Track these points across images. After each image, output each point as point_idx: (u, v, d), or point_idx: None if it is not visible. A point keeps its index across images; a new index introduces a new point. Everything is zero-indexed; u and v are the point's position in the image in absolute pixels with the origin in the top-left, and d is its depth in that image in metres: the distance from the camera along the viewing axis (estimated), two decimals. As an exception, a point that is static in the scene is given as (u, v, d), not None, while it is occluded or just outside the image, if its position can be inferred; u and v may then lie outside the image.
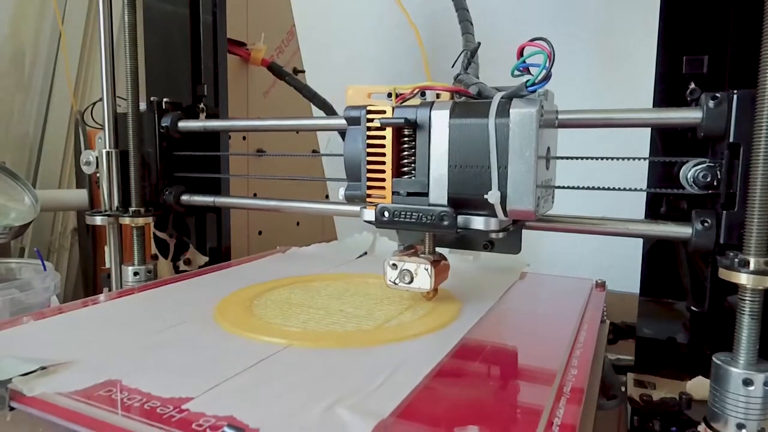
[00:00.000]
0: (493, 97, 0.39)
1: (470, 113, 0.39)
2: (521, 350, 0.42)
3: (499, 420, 0.30)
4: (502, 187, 0.38)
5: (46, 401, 0.30)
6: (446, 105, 0.40)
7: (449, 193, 0.40)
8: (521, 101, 0.37)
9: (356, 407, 0.29)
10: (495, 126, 0.37)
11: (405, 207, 0.41)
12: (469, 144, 0.39)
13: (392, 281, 0.45)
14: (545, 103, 0.38)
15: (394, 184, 0.41)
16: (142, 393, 0.30)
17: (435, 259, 0.45)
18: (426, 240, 0.45)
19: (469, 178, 0.39)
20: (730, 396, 0.34)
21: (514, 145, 0.37)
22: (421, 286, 0.44)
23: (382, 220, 0.42)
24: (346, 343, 0.39)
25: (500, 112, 0.37)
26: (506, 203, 0.38)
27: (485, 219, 0.40)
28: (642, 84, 0.52)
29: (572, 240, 0.56)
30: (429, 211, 0.40)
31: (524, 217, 0.40)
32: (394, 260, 0.44)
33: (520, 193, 0.37)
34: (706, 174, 0.41)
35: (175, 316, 0.45)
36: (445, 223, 0.40)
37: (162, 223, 0.73)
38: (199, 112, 0.72)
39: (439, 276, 0.45)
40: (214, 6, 0.71)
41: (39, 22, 1.22)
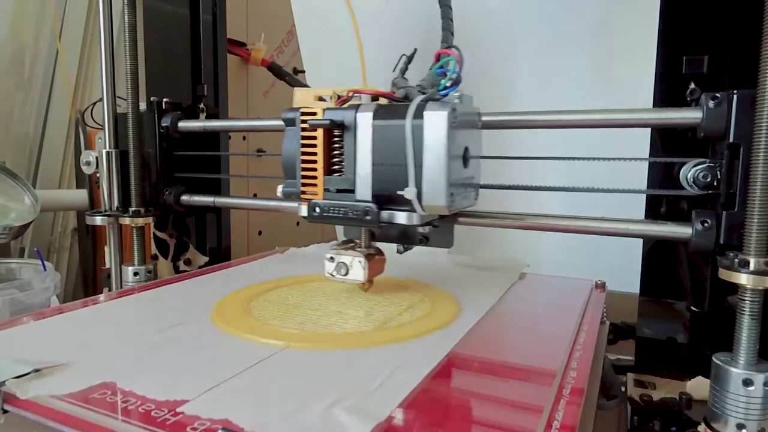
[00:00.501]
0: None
1: (391, 115, 0.42)
2: (521, 351, 0.42)
3: (499, 420, 0.29)
4: (418, 183, 0.41)
5: (39, 404, 0.30)
6: (370, 107, 0.43)
7: (373, 189, 0.43)
8: (435, 104, 0.41)
9: (354, 409, 0.29)
10: (411, 127, 0.40)
11: (334, 203, 0.44)
12: (390, 144, 0.42)
13: (330, 273, 0.48)
14: (460, 106, 0.42)
15: (326, 181, 0.44)
16: (136, 396, 0.30)
17: (369, 252, 0.47)
18: (362, 235, 0.48)
19: (391, 176, 0.42)
20: (730, 396, 0.34)
21: (428, 145, 0.40)
22: (356, 278, 0.47)
23: (313, 215, 0.45)
24: (345, 345, 0.39)
25: (416, 115, 0.40)
26: (422, 199, 0.41)
27: (407, 214, 0.43)
28: (642, 84, 0.52)
29: (572, 240, 0.56)
30: (355, 206, 0.43)
31: (439, 212, 0.43)
32: (332, 254, 0.47)
33: (434, 190, 0.41)
34: (706, 174, 0.41)
35: (173, 317, 0.45)
36: (368, 218, 0.43)
37: (162, 223, 0.73)
38: (199, 112, 0.72)
39: (374, 269, 0.48)
40: (214, 6, 0.71)
41: (39, 22, 1.22)
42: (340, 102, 0.44)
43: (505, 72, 0.74)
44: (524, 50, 0.73)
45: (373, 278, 0.48)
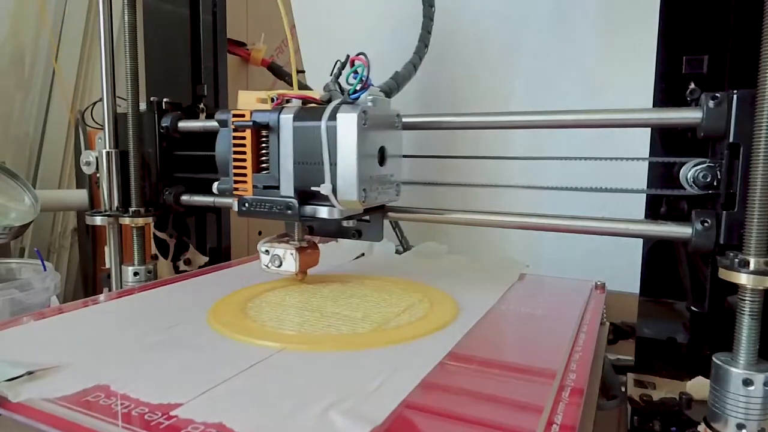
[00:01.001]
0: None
1: (310, 117, 0.45)
2: (520, 352, 0.42)
3: (499, 421, 0.29)
4: (333, 180, 0.44)
5: (31, 407, 0.29)
6: (292, 110, 0.46)
7: (295, 185, 0.46)
8: (348, 107, 0.44)
9: (351, 412, 0.29)
10: (326, 128, 0.44)
11: (260, 198, 0.47)
12: (309, 143, 0.45)
13: (265, 265, 0.51)
14: (372, 108, 0.45)
15: (254, 178, 0.47)
16: (130, 399, 0.30)
17: (302, 246, 0.51)
18: (295, 229, 0.52)
19: (310, 173, 0.45)
20: (730, 396, 0.34)
21: (341, 144, 0.44)
22: (288, 269, 0.51)
23: (242, 210, 0.48)
24: (342, 346, 0.39)
25: (331, 116, 0.44)
26: (337, 194, 0.44)
27: (329, 209, 0.46)
28: (641, 84, 0.52)
29: (572, 240, 0.56)
30: (278, 202, 0.46)
31: (352, 207, 0.46)
32: (267, 246, 0.51)
33: (347, 186, 0.44)
34: (706, 174, 0.41)
35: (170, 318, 0.45)
36: (290, 212, 0.46)
37: (162, 223, 0.73)
38: (199, 112, 0.71)
39: (306, 261, 0.51)
40: (214, 6, 0.71)
41: (39, 21, 1.22)
42: (276, 104, 0.47)
43: (505, 72, 0.74)
44: (524, 50, 0.73)
45: (305, 269, 0.52)
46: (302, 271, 0.52)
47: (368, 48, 0.46)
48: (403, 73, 0.60)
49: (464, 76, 0.76)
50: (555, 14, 0.71)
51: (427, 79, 0.73)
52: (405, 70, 0.61)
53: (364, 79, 0.45)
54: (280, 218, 0.47)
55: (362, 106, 0.44)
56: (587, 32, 0.69)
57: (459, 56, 0.76)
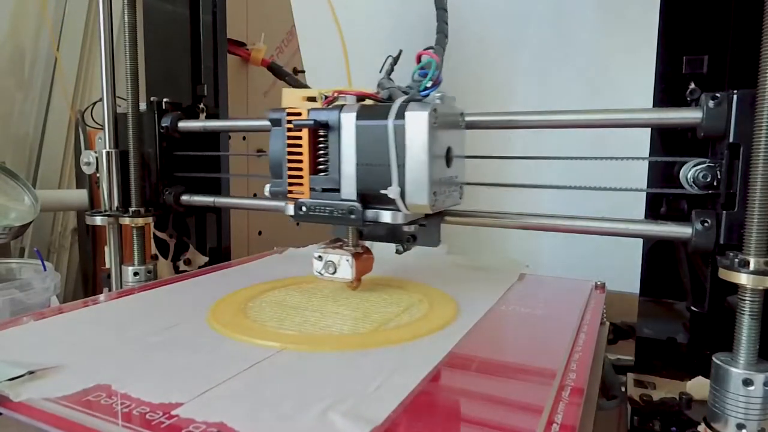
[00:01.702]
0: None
1: (374, 116, 0.42)
2: (520, 352, 0.42)
3: (499, 421, 0.29)
4: (400, 183, 0.41)
5: (32, 407, 0.29)
6: (354, 108, 0.43)
7: (358, 188, 0.43)
8: (417, 105, 0.41)
9: (350, 413, 0.29)
10: (393, 127, 0.41)
11: (319, 202, 0.45)
12: (373, 144, 0.42)
13: (318, 272, 0.48)
14: (441, 107, 0.42)
15: (311, 180, 0.45)
16: (131, 398, 0.30)
17: (357, 251, 0.48)
18: (349, 233, 0.49)
19: (375, 175, 0.42)
20: (730, 396, 0.34)
21: (410, 145, 0.41)
22: (344, 276, 0.48)
23: (299, 214, 0.46)
24: (342, 346, 0.39)
25: (398, 115, 0.41)
26: (405, 198, 0.42)
27: (392, 213, 0.43)
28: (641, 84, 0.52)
29: (572, 240, 0.56)
30: (340, 205, 0.44)
31: (421, 211, 0.43)
32: (320, 252, 0.48)
33: (416, 189, 0.41)
34: (706, 174, 0.41)
35: (170, 318, 0.45)
36: (353, 217, 0.44)
37: (162, 223, 0.73)
38: (199, 112, 0.72)
39: (361, 267, 0.48)
40: (214, 6, 0.71)
41: (39, 21, 1.22)
42: (327, 102, 0.45)
43: (505, 72, 0.74)
44: (524, 50, 0.73)
45: (360, 277, 0.49)
46: (357, 279, 0.48)
47: (367, 48, 0.46)
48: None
49: (464, 76, 0.76)
50: (556, 14, 0.71)
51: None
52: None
53: (436, 75, 0.42)
54: (341, 223, 0.45)
55: (432, 103, 0.41)
56: (588, 32, 0.69)
57: (459, 56, 0.76)
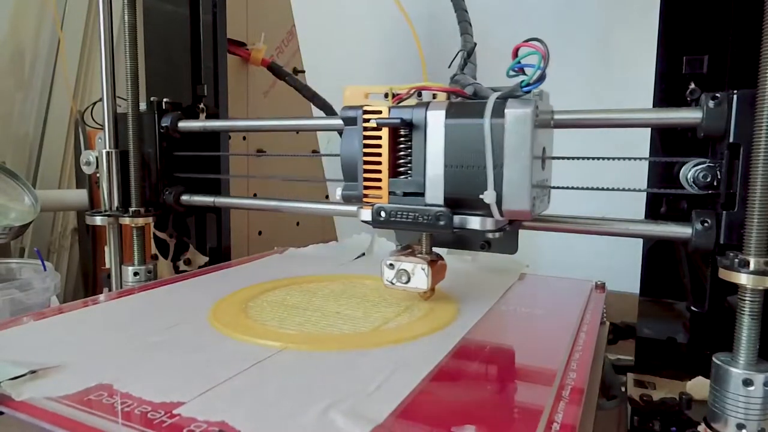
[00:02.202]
0: (488, 97, 0.39)
1: (466, 113, 0.39)
2: (520, 351, 0.42)
3: (499, 421, 0.29)
4: (497, 187, 0.38)
5: (34, 406, 0.29)
6: (442, 105, 0.40)
7: (445, 193, 0.40)
8: (516, 101, 0.38)
9: (351, 412, 0.29)
10: (490, 126, 0.37)
11: (401, 207, 0.41)
12: (465, 144, 0.39)
13: (389, 281, 0.45)
14: (540, 104, 0.39)
15: (391, 184, 0.41)
16: (133, 397, 0.30)
17: (432, 259, 0.45)
18: (423, 240, 0.46)
19: (465, 179, 0.39)
20: (730, 396, 0.34)
21: (510, 146, 0.37)
22: (418, 285, 0.44)
23: (378, 220, 0.42)
24: (343, 346, 0.39)
25: (495, 113, 0.37)
26: (502, 203, 0.38)
27: (481, 219, 0.40)
28: (641, 84, 0.52)
29: (572, 240, 0.56)
30: (425, 211, 0.41)
31: (520, 217, 0.40)
32: (392, 260, 0.45)
33: (516, 193, 0.38)
34: (706, 174, 0.41)
35: (171, 317, 0.45)
36: (441, 223, 0.40)
37: (162, 223, 0.73)
38: (199, 112, 0.71)
39: (436, 276, 0.45)
40: (214, 6, 0.71)
41: (39, 21, 1.22)
42: (397, 100, 0.41)
43: (505, 71, 0.74)
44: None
45: (435, 285, 0.46)
46: (432, 288, 0.45)
47: (368, 48, 0.46)
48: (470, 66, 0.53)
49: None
50: (556, 14, 0.71)
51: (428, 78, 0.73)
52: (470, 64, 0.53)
53: (542, 70, 0.37)
54: (426, 230, 0.42)
55: (532, 100, 0.38)
56: (588, 32, 0.69)
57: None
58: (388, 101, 0.42)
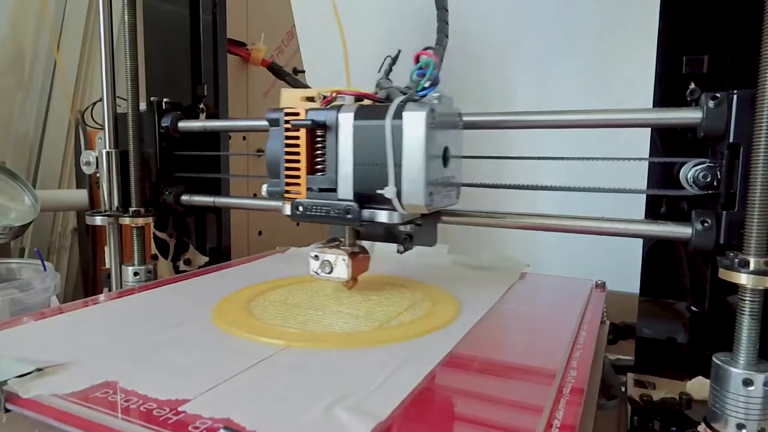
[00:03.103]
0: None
1: (371, 116, 0.42)
2: (521, 351, 0.42)
3: (499, 420, 0.29)
4: (397, 183, 0.41)
5: (41, 403, 0.30)
6: (352, 108, 0.43)
7: (355, 188, 0.43)
8: (414, 105, 0.41)
9: (355, 408, 0.29)
10: (390, 127, 0.41)
11: (316, 202, 0.45)
12: (371, 144, 0.42)
13: (315, 271, 0.48)
14: (439, 107, 0.42)
15: (308, 180, 0.45)
16: (138, 395, 0.30)
17: (353, 251, 0.48)
18: (346, 233, 0.49)
19: (372, 175, 0.42)
20: (730, 396, 0.34)
21: (407, 145, 0.41)
22: (340, 275, 0.48)
23: (296, 213, 0.46)
24: (345, 344, 0.39)
25: (395, 115, 0.41)
26: (401, 198, 0.42)
27: (389, 213, 0.43)
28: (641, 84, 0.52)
29: (572, 240, 0.56)
30: (336, 205, 0.44)
31: (418, 211, 0.43)
32: (316, 252, 0.48)
33: (413, 189, 0.41)
34: (706, 174, 0.41)
35: (173, 316, 0.45)
36: (349, 217, 0.44)
37: (162, 223, 0.73)
38: (199, 112, 0.72)
39: (357, 267, 0.48)
40: (214, 6, 0.71)
41: (39, 22, 1.22)
42: (325, 102, 0.45)
43: (505, 71, 0.74)
44: (525, 50, 0.73)
45: (357, 276, 0.49)
46: (353, 278, 0.48)
47: (368, 48, 0.46)
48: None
49: (464, 76, 0.77)
50: (556, 14, 0.71)
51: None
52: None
53: (434, 75, 0.42)
54: (338, 222, 0.45)
55: (429, 104, 0.42)
56: (588, 32, 0.69)
57: (459, 56, 0.76)
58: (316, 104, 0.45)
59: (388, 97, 0.44)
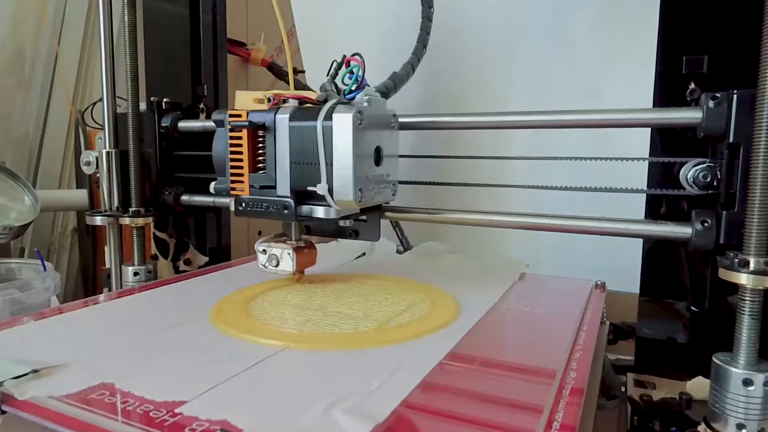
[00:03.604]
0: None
1: (306, 117, 0.45)
2: (521, 351, 0.42)
3: (499, 420, 0.29)
4: (329, 180, 0.44)
5: (37, 405, 0.29)
6: (287, 110, 0.46)
7: (291, 185, 0.46)
8: (343, 107, 0.44)
9: (353, 410, 0.29)
10: (322, 128, 0.43)
11: (257, 198, 0.47)
12: (305, 143, 0.45)
13: (263, 264, 0.51)
14: (369, 109, 0.45)
15: (251, 178, 0.47)
16: (135, 396, 0.30)
17: (299, 245, 0.51)
18: (292, 228, 0.52)
19: (307, 173, 0.45)
20: (730, 396, 0.34)
21: (336, 144, 0.44)
22: (286, 268, 0.50)
23: (239, 209, 0.48)
24: (344, 345, 0.39)
25: (327, 116, 0.44)
26: (333, 194, 0.44)
27: (326, 209, 0.46)
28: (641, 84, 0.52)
29: (572, 240, 0.56)
30: (275, 201, 0.46)
31: (349, 206, 0.45)
32: (264, 246, 0.51)
33: (343, 186, 0.44)
34: (706, 174, 0.41)
35: (172, 317, 0.45)
36: (286, 212, 0.46)
37: (162, 223, 0.73)
38: (199, 112, 0.71)
39: (303, 261, 0.51)
40: (214, 6, 0.71)
41: (39, 21, 1.22)
42: (273, 104, 0.47)
43: (504, 71, 0.74)
44: (524, 49, 0.73)
45: (302, 269, 0.52)
46: (299, 271, 0.51)
47: (367, 48, 0.46)
48: (400, 74, 0.60)
49: (464, 76, 0.77)
50: (555, 14, 0.71)
51: (427, 79, 0.73)
52: (403, 71, 0.61)
53: (360, 79, 0.45)
54: (276, 218, 0.47)
55: (358, 106, 0.44)
56: (587, 32, 0.69)
57: (459, 56, 0.76)
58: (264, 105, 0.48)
59: (326, 100, 0.46)
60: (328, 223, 0.52)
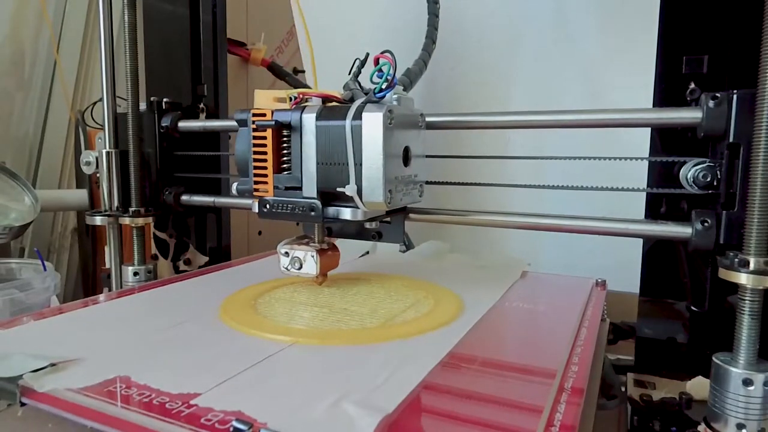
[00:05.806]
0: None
1: (333, 116, 0.44)
2: (522, 349, 0.42)
3: (500, 419, 0.30)
4: (358, 181, 0.43)
5: (56, 397, 0.30)
6: (314, 109, 0.45)
7: (318, 186, 0.45)
8: (373, 106, 0.43)
9: (362, 402, 0.29)
10: (351, 127, 0.42)
11: (282, 200, 0.46)
12: (333, 143, 0.44)
13: (285, 267, 0.50)
14: (398, 108, 0.44)
15: (275, 179, 0.46)
16: (151, 389, 0.31)
17: (323, 248, 0.49)
18: (315, 230, 0.51)
19: (334, 174, 0.44)
20: (730, 396, 0.34)
21: (366, 144, 0.42)
22: (309, 271, 0.49)
23: (263, 211, 0.47)
24: (351, 341, 0.40)
25: (356, 116, 0.42)
26: (362, 195, 0.43)
27: (352, 210, 0.45)
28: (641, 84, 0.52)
29: (572, 240, 0.56)
30: (301, 203, 0.45)
31: (378, 208, 0.44)
32: (286, 248, 0.49)
33: (372, 187, 0.43)
34: (706, 174, 0.41)
35: (179, 314, 0.45)
36: (313, 214, 0.45)
37: (162, 223, 0.73)
38: (199, 112, 0.72)
39: (326, 263, 0.50)
40: (214, 6, 0.71)
41: (39, 22, 1.22)
42: (295, 103, 0.46)
43: (505, 71, 0.74)
44: (524, 49, 0.73)
45: (326, 272, 0.50)
46: (322, 274, 0.50)
47: (370, 47, 0.46)
48: (414, 70, 0.59)
49: (464, 76, 0.77)
50: (556, 14, 0.71)
51: (428, 79, 0.73)
52: (416, 67, 0.60)
53: (390, 77, 0.43)
54: (302, 220, 0.46)
55: (388, 105, 0.43)
56: (587, 32, 0.69)
57: (459, 56, 0.76)
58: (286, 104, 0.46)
59: (352, 99, 0.45)
60: (350, 225, 0.51)
